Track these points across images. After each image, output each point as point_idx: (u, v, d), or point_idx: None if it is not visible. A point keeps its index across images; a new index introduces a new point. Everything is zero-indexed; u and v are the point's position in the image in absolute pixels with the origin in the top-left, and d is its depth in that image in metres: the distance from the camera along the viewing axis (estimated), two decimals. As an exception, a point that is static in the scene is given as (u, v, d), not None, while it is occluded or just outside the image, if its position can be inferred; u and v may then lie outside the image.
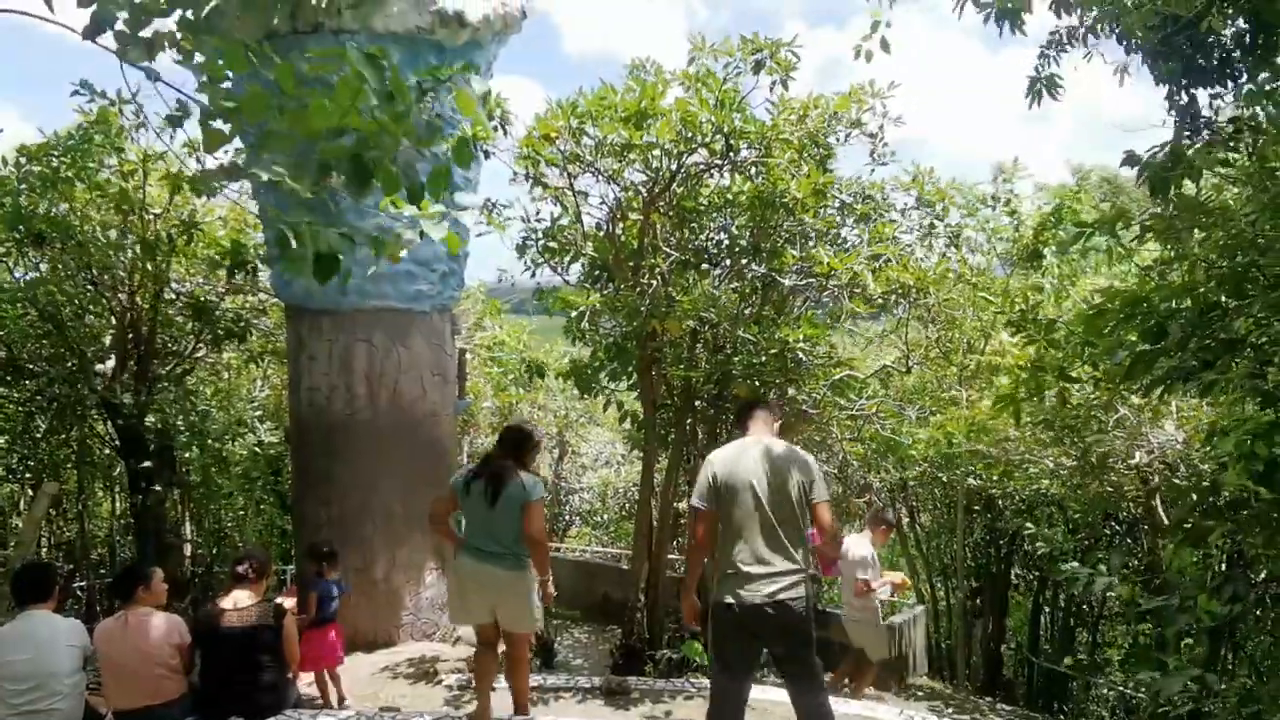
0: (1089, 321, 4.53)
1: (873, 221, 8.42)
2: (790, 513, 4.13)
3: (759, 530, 4.11)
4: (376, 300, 7.63)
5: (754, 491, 4.11)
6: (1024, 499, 9.82)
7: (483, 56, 7.89)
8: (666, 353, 7.84)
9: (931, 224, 8.18)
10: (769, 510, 4.11)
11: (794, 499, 4.12)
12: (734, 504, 4.14)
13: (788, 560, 4.13)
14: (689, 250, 7.01)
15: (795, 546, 4.16)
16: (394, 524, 7.83)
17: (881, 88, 8.03)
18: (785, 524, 4.12)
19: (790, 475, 4.14)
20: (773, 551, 4.11)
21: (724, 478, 4.18)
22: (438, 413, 8.09)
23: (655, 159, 6.68)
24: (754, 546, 4.11)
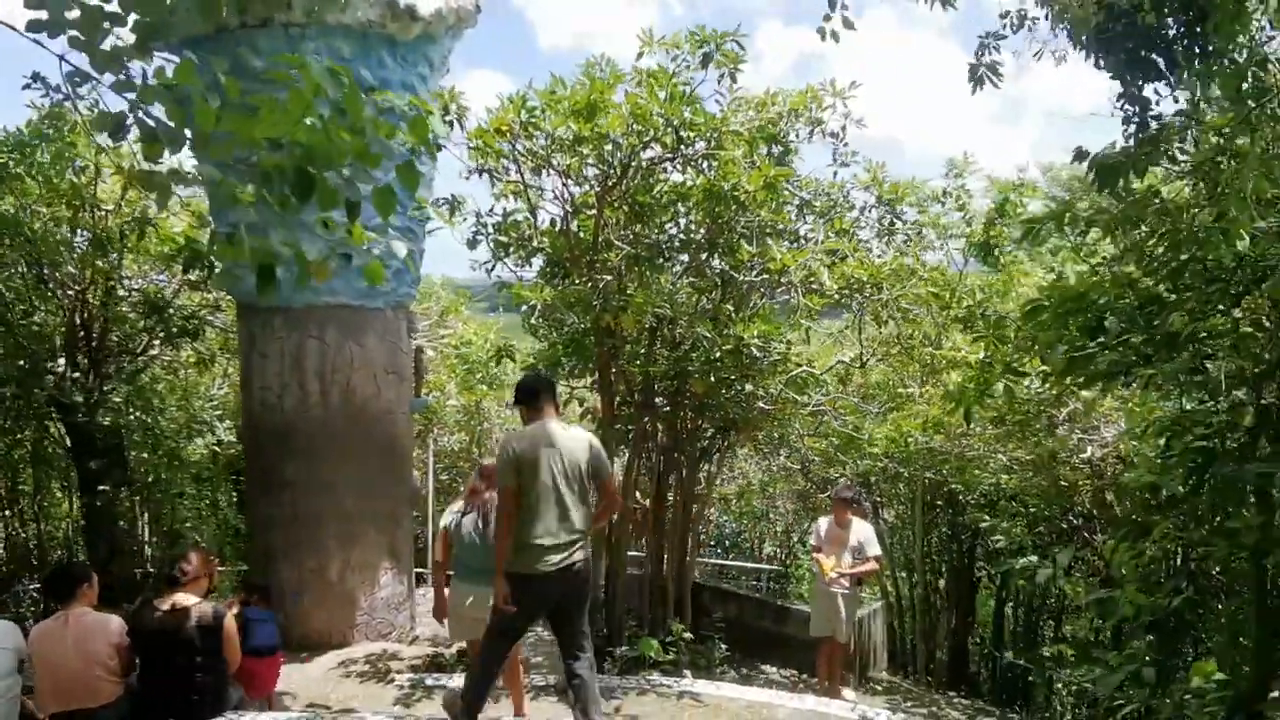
0: (1026, 316, 4.53)
1: (830, 218, 8.44)
2: (580, 488, 4.57)
3: (554, 505, 4.52)
4: (328, 297, 7.54)
5: (549, 469, 4.51)
6: (984, 494, 9.88)
7: (437, 51, 7.82)
8: (624, 349, 7.81)
9: (891, 222, 8.19)
10: (562, 487, 4.52)
11: (583, 475, 4.58)
12: (532, 482, 4.51)
13: (576, 533, 4.58)
14: (643, 245, 6.97)
15: (583, 519, 4.61)
16: (348, 523, 7.76)
17: (843, 87, 8.03)
18: (575, 498, 4.56)
19: (580, 453, 4.58)
20: (564, 525, 4.54)
21: (522, 460, 4.54)
22: (393, 411, 8.02)
23: (607, 153, 6.63)
24: (549, 521, 4.52)
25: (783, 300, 8.36)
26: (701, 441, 8.99)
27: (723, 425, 8.84)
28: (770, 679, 8.62)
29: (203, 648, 4.88)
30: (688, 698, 6.67)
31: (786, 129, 8.04)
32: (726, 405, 8.06)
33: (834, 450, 10.05)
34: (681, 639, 7.91)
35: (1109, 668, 4.51)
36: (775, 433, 8.99)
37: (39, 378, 8.10)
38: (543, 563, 4.51)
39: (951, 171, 10.11)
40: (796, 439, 9.75)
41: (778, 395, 7.80)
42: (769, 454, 11.40)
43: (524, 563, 4.54)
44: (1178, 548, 5.20)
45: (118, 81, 4.40)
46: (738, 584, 14.08)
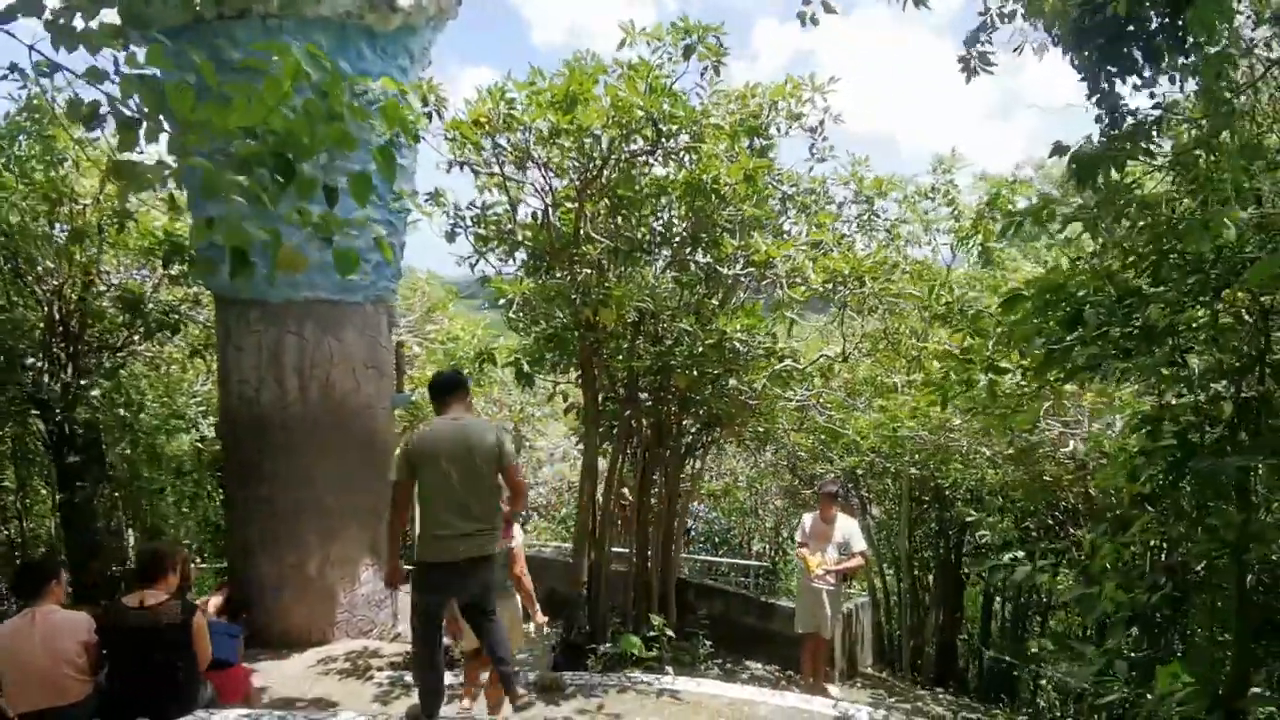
0: (1005, 308, 4.49)
1: (813, 212, 8.40)
2: (479, 480, 4.66)
3: (451, 499, 4.65)
4: (306, 291, 7.47)
5: (446, 464, 4.62)
6: (970, 489, 9.84)
7: (417, 42, 7.74)
8: (607, 343, 7.75)
9: (869, 215, 8.15)
10: (458, 481, 4.63)
11: (483, 467, 4.66)
12: (429, 476, 4.66)
13: (478, 522, 4.70)
14: (622, 239, 6.90)
15: (484, 511, 4.73)
16: (328, 519, 7.68)
17: (821, 82, 7.99)
18: (475, 491, 4.67)
19: (480, 446, 4.66)
20: (462, 517, 4.67)
21: (419, 453, 4.72)
22: (373, 406, 7.95)
23: (587, 146, 6.56)
24: (447, 514, 4.66)
25: (767, 294, 8.33)
26: (686, 437, 8.95)
27: (707, 420, 8.81)
28: (755, 675, 8.59)
29: (172, 644, 4.81)
30: (668, 695, 6.62)
31: (766, 122, 8.01)
32: (710, 400, 8.00)
33: (820, 445, 10.00)
34: (664, 635, 7.86)
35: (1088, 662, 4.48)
36: (760, 428, 8.94)
37: (16, 373, 8.01)
38: (444, 552, 4.70)
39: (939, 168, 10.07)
40: (783, 434, 9.70)
41: (761, 390, 7.74)
42: (756, 450, 11.36)
43: (427, 552, 4.77)
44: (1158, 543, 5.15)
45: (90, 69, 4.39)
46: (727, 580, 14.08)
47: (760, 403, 7.96)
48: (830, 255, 7.66)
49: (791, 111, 8.12)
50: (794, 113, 8.12)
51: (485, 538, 4.76)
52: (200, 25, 7.11)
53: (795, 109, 8.10)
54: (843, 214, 8.65)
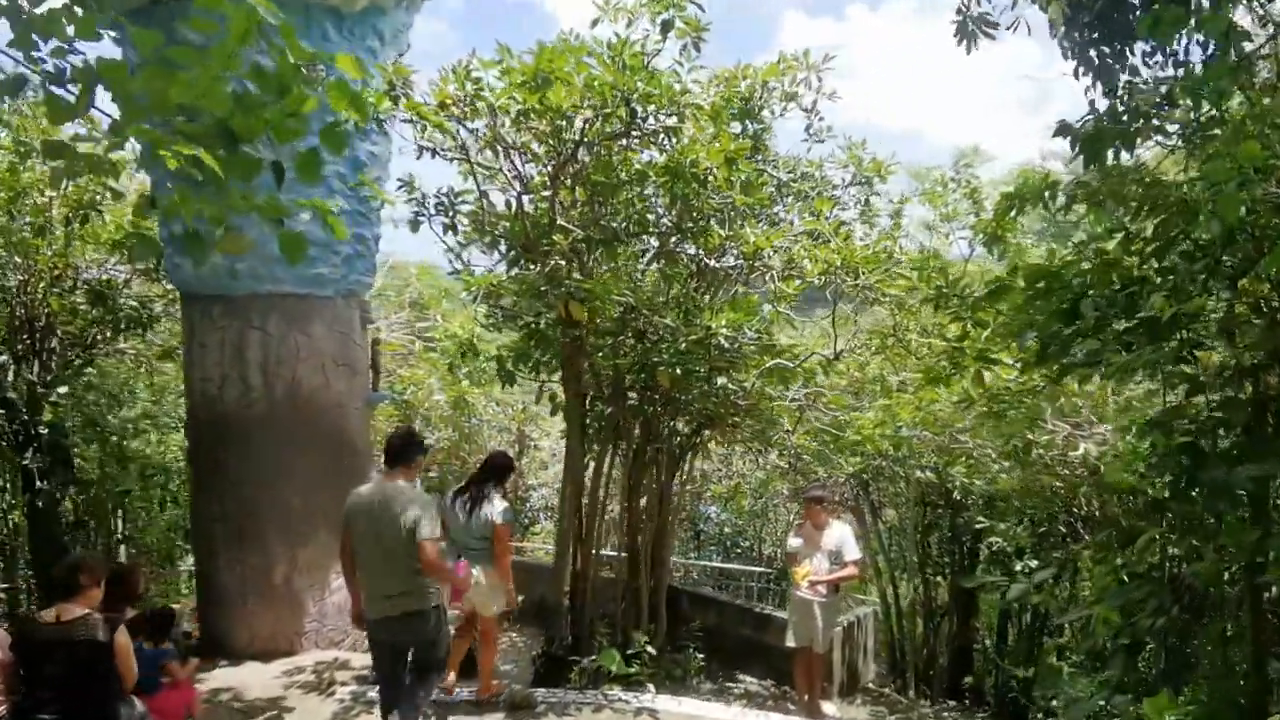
0: (990, 297, 4.02)
1: (809, 199, 7.95)
2: (397, 544, 4.87)
3: (375, 558, 4.95)
4: (270, 285, 7.14)
5: (370, 529, 4.93)
6: (982, 494, 9.32)
7: (388, 23, 7.39)
8: (590, 340, 7.34)
9: (868, 200, 7.69)
10: (380, 542, 4.91)
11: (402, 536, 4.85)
12: (357, 535, 5.01)
13: (394, 587, 4.94)
14: (598, 228, 6.49)
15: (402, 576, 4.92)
16: (294, 523, 7.35)
17: (816, 60, 7.56)
18: (394, 553, 4.89)
19: (400, 516, 4.86)
20: (382, 579, 4.95)
21: (351, 513, 5.06)
22: (344, 405, 7.60)
23: (560, 128, 6.16)
24: (373, 572, 4.99)
25: (760, 287, 7.90)
26: (677, 438, 8.52)
27: (700, 421, 8.37)
28: (748, 690, 8.14)
29: (87, 661, 4.47)
30: (646, 714, 6.22)
31: (759, 104, 7.57)
32: (698, 400, 7.57)
33: (824, 447, 9.52)
34: (645, 650, 7.43)
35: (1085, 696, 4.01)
36: (755, 428, 8.48)
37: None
38: (372, 609, 5.04)
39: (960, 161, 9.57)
40: (783, 435, 9.22)
41: (752, 389, 7.30)
42: (760, 451, 10.90)
43: (366, 605, 5.09)
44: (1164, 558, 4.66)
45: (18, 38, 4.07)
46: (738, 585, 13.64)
47: (750, 402, 7.50)
48: (826, 245, 7.21)
49: (786, 92, 7.71)
50: (789, 93, 7.70)
51: (407, 599, 4.98)
52: (158, 6, 6.81)
53: (790, 89, 7.68)
54: (842, 200, 8.19)
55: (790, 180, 8.12)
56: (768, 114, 7.82)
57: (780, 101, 7.79)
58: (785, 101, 7.78)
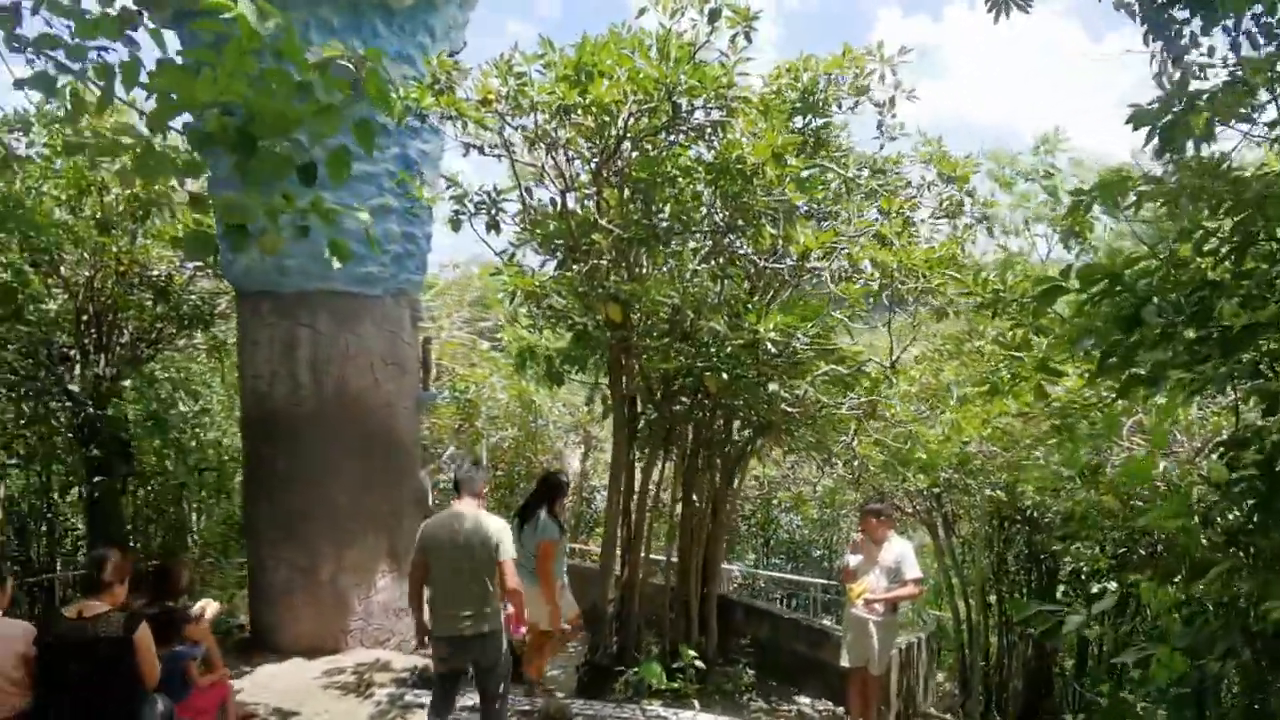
0: (1041, 299, 3.66)
1: (879, 197, 7.56)
2: (478, 567, 5.18)
3: (450, 583, 5.23)
4: (320, 282, 7.15)
5: (448, 553, 5.21)
6: (1060, 510, 8.74)
7: (439, 18, 7.33)
8: (637, 341, 7.14)
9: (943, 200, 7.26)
10: (459, 566, 5.19)
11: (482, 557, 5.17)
12: (433, 561, 5.27)
13: (471, 607, 5.20)
14: (638, 226, 6.27)
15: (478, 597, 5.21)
16: (342, 522, 7.36)
17: (892, 53, 7.19)
18: (474, 576, 5.19)
19: (478, 542, 5.19)
20: (459, 600, 5.20)
21: (427, 539, 5.33)
22: (393, 404, 7.57)
23: (602, 123, 5.96)
24: (448, 594, 5.24)
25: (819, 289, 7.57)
26: (730, 444, 8.24)
27: (754, 427, 8.08)
28: (801, 711, 7.79)
29: (107, 659, 4.47)
30: (683, 732, 6.00)
31: (821, 98, 7.23)
32: (751, 406, 7.28)
33: (890, 458, 9.10)
34: (692, 664, 7.18)
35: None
36: (811, 437, 8.14)
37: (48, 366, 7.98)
38: (445, 628, 5.26)
39: (1041, 147, 9.07)
40: (842, 445, 8.84)
41: (803, 396, 6.97)
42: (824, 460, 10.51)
43: (435, 625, 5.32)
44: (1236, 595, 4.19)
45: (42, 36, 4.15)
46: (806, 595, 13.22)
47: (802, 410, 7.17)
48: (888, 247, 6.84)
49: (854, 85, 7.35)
50: (857, 86, 7.34)
51: (480, 620, 5.23)
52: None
53: (859, 82, 7.32)
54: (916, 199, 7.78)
55: (858, 178, 7.76)
56: (834, 109, 7.49)
57: (849, 95, 7.44)
58: (854, 95, 7.43)
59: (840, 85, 7.34)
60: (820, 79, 7.20)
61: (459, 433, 12.39)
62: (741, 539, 16.29)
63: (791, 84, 7.04)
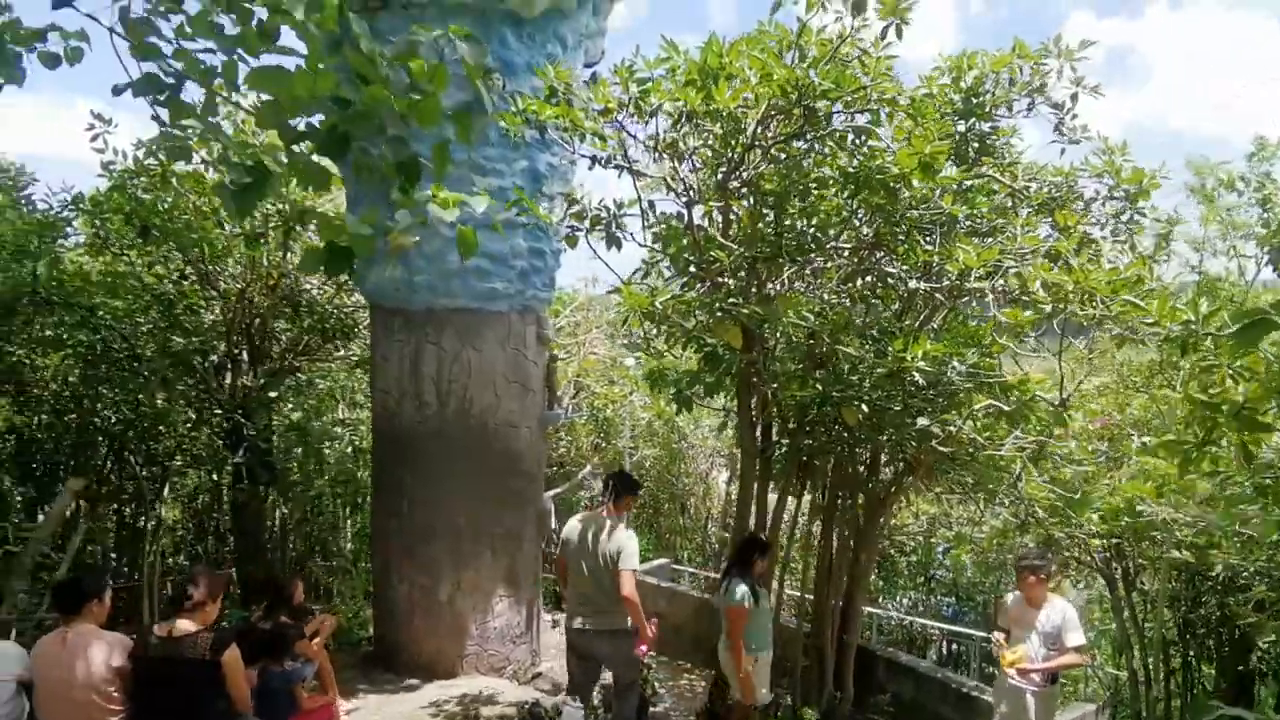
0: (1239, 336, 2.90)
1: (1052, 210, 6.70)
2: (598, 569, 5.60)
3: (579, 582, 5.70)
4: (446, 299, 7.01)
5: (579, 555, 5.67)
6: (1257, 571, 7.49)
7: (570, 28, 7.07)
8: (769, 367, 6.59)
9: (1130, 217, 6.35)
10: (584, 565, 5.64)
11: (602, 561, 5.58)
12: (568, 555, 5.77)
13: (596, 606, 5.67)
14: (766, 242, 5.72)
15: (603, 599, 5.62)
16: (461, 542, 7.19)
17: (1070, 47, 6.36)
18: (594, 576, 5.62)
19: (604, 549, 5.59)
20: (587, 598, 5.69)
21: (564, 536, 5.85)
22: (516, 424, 7.34)
23: (730, 130, 5.48)
24: (577, 588, 5.73)
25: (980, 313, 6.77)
26: (875, 481, 7.52)
27: (902, 463, 7.33)
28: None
29: (192, 680, 4.36)
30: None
31: (988, 99, 6.48)
32: (897, 442, 6.57)
33: (1062, 503, 8.09)
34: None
35: None
36: (969, 478, 7.30)
37: (205, 373, 8.26)
38: (569, 618, 5.85)
39: (1257, 155, 7.89)
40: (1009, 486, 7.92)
41: (955, 434, 6.21)
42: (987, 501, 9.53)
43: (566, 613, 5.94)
44: None
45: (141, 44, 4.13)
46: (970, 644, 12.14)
47: (955, 448, 6.39)
48: (1064, 267, 5.99)
49: (1026, 84, 6.55)
50: (1033, 86, 6.54)
51: (599, 616, 5.68)
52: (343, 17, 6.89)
53: (1033, 81, 6.52)
54: (1094, 215, 6.87)
55: (1028, 190, 6.92)
56: (1003, 111, 6.70)
57: (1021, 96, 6.64)
58: (1027, 96, 6.63)
59: (1010, 85, 6.57)
60: (987, 78, 6.45)
61: (598, 451, 12.13)
62: (900, 577, 15.32)
63: (953, 85, 6.32)
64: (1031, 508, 8.92)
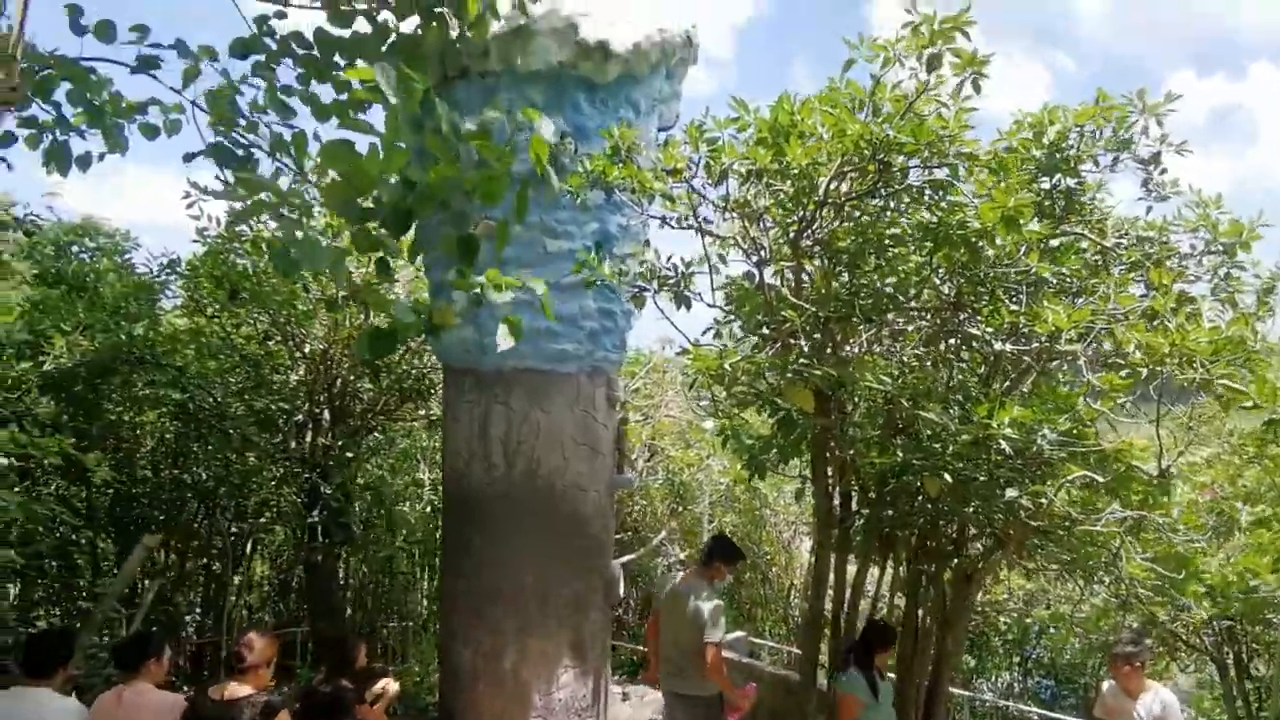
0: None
1: (1145, 268, 6.34)
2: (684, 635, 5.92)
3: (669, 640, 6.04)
4: (514, 359, 6.97)
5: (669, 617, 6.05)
6: None
7: (643, 92, 7.09)
8: (846, 432, 6.33)
9: (1227, 273, 5.95)
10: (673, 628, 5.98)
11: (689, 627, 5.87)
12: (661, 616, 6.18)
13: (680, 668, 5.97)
14: (841, 301, 5.51)
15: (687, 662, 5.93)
16: (526, 608, 7.04)
17: (1156, 100, 6.10)
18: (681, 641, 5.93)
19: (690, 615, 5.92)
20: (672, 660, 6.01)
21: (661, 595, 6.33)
22: (584, 488, 7.21)
23: (801, 188, 5.35)
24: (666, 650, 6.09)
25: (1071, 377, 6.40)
26: (962, 556, 7.10)
27: (991, 537, 6.91)
28: None
29: (243, 749, 4.29)
30: None
31: (1074, 154, 6.21)
32: (984, 514, 6.20)
33: (1165, 582, 7.50)
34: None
35: None
36: (1064, 554, 6.82)
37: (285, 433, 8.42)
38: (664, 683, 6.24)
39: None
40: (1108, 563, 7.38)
41: (1047, 506, 5.81)
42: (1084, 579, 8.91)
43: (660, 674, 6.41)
44: None
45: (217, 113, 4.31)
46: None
47: (1046, 522, 5.99)
48: (1162, 328, 5.62)
49: (1115, 140, 6.28)
50: (1119, 140, 6.27)
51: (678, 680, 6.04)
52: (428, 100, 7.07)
53: (1119, 135, 6.25)
54: (1190, 272, 6.47)
55: (1119, 247, 6.58)
56: (1089, 166, 6.43)
57: (1106, 151, 6.37)
58: (1112, 150, 6.36)
59: (1095, 140, 6.31)
60: (1070, 132, 6.20)
61: (674, 516, 11.89)
62: (994, 656, 14.51)
63: (1034, 140, 6.09)
64: (1133, 586, 8.33)
